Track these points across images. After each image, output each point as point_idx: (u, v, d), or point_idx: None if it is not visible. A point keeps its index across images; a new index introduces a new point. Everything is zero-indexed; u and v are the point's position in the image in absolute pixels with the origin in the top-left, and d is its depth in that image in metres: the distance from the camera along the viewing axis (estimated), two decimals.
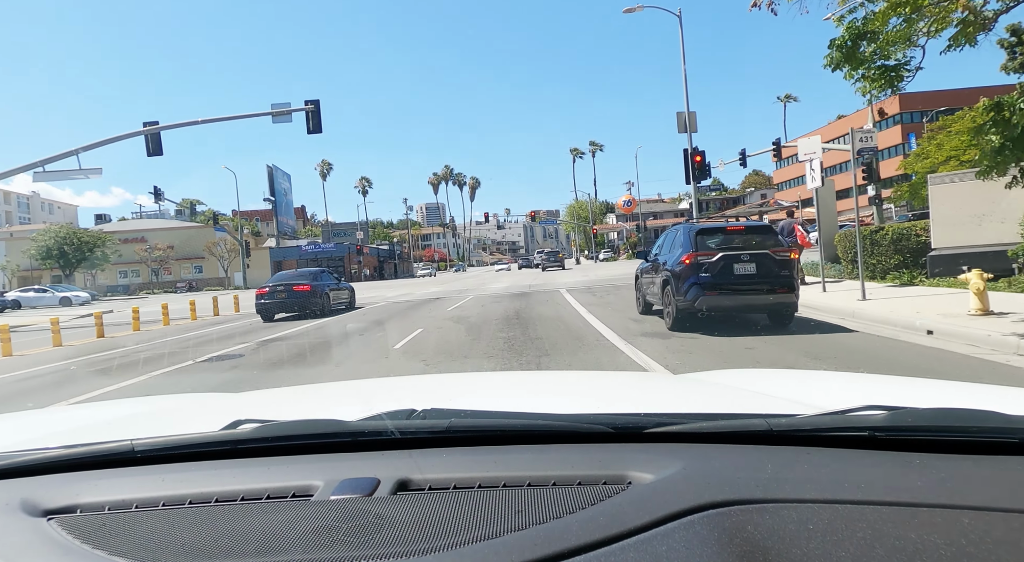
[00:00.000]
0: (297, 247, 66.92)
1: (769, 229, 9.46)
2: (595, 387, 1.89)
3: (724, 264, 8.19)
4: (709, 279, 8.17)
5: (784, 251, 8.54)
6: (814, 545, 0.67)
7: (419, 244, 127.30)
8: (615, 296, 16.02)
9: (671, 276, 8.74)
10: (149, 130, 19.76)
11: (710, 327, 8.61)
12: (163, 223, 69.27)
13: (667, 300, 8.97)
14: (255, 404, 1.74)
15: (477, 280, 37.41)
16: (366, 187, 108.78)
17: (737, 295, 8.28)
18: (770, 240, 8.68)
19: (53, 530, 0.82)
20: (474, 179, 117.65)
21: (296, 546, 0.73)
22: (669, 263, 8.99)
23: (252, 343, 11.47)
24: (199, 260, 64.13)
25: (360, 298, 24.35)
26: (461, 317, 13.20)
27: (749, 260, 8.21)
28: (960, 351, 6.43)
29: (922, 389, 1.61)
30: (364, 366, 8.07)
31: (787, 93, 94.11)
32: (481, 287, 27.07)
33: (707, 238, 8.64)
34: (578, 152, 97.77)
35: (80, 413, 2.01)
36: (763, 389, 1.62)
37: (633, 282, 12.14)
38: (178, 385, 7.52)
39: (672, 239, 9.59)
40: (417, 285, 37.10)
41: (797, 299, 8.45)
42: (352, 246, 67.47)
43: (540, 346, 8.36)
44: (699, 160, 18.60)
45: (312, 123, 20.49)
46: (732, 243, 8.47)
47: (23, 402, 7.23)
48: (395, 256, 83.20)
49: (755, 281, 8.19)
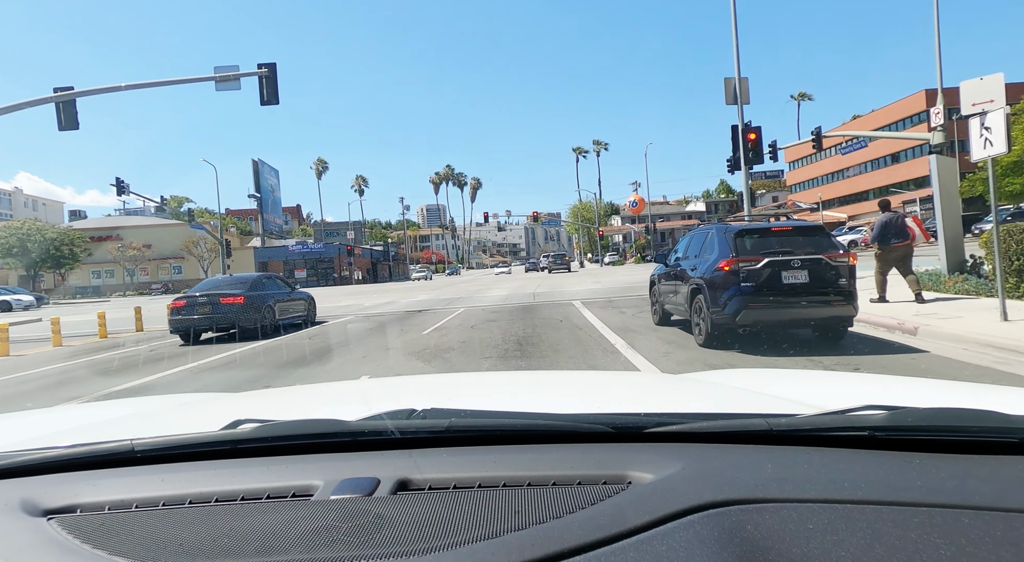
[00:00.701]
0: (284, 247, 62.85)
1: (821, 230, 7.97)
2: (595, 387, 1.88)
3: (771, 271, 7.20)
4: (753, 289, 7.18)
5: (842, 256, 7.29)
6: (814, 545, 0.67)
7: (417, 245, 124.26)
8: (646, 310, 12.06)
9: (704, 285, 7.70)
10: (62, 97, 15.77)
11: (749, 344, 7.54)
12: (141, 220, 64.89)
13: (698, 313, 7.91)
14: (255, 404, 1.73)
15: (473, 285, 33.36)
16: (362, 186, 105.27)
17: (786, 308, 7.23)
18: (824, 242, 7.51)
19: (53, 530, 0.81)
20: (475, 179, 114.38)
21: (296, 546, 0.73)
22: (700, 270, 7.97)
23: (91, 394, 7.43)
24: (178, 260, 60.04)
25: (331, 308, 20.34)
26: (439, 349, 9.10)
27: (800, 266, 7.20)
28: None
29: (922, 389, 1.62)
30: None
31: (801, 91, 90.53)
32: (476, 295, 23.04)
33: (749, 241, 7.52)
34: (581, 151, 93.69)
35: (80, 413, 1.94)
36: (763, 389, 1.61)
37: (648, 289, 11.05)
38: None
39: (702, 242, 8.42)
40: (406, 291, 33.11)
41: (856, 311, 7.38)
42: (342, 247, 63.39)
43: None
44: (754, 138, 14.56)
45: (267, 92, 16.55)
46: (779, 246, 7.40)
47: None
48: (389, 258, 79.06)
49: (808, 291, 7.17)
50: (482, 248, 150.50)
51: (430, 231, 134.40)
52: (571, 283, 27.39)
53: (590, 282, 26.85)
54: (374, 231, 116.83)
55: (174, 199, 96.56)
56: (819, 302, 7.19)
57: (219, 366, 9.01)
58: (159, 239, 59.38)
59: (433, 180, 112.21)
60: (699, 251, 8.37)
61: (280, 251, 62.29)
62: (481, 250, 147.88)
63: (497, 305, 16.98)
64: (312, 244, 64.27)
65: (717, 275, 7.42)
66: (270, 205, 65.05)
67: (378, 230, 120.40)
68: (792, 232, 7.79)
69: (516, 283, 32.35)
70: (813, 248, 7.33)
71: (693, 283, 8.05)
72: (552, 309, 14.40)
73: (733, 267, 7.27)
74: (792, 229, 7.98)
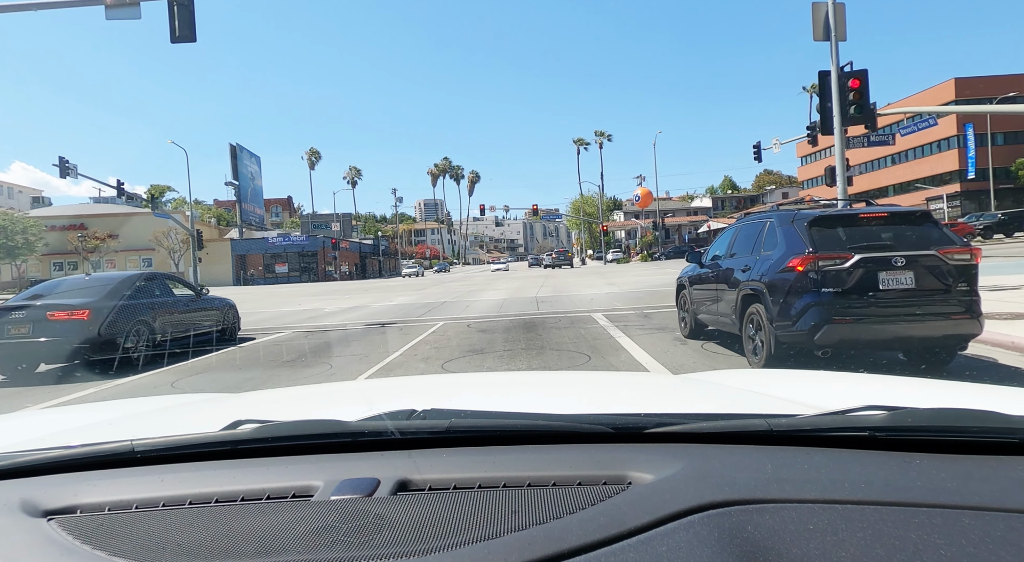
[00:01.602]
0: (264, 239, 58.32)
1: (928, 216, 5.97)
2: (595, 387, 1.86)
3: (863, 273, 5.45)
4: (837, 297, 5.42)
5: (960, 251, 5.47)
6: (814, 545, 0.67)
7: (412, 240, 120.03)
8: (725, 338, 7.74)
9: (764, 291, 5.95)
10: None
11: (819, 366, 4.99)
12: (111, 209, 60.17)
13: (754, 326, 6.13)
14: (255, 404, 1.69)
15: (465, 285, 29.00)
16: (355, 178, 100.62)
17: (885, 323, 5.43)
18: (934, 233, 5.68)
19: (53, 530, 0.81)
20: (473, 173, 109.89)
21: (296, 546, 0.73)
22: (757, 271, 6.19)
23: None
24: (148, 252, 55.43)
25: (279, 315, 16.02)
26: None
27: (904, 266, 5.44)
28: None
29: (922, 389, 1.60)
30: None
31: (813, 84, 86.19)
32: (466, 299, 18.72)
33: (830, 231, 5.69)
34: (583, 143, 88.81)
35: (80, 413, 1.93)
36: (763, 389, 1.59)
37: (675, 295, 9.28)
38: None
39: (757, 234, 6.57)
40: (387, 291, 28.78)
41: (981, 328, 5.56)
42: (327, 240, 58.92)
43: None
44: (857, 86, 10.22)
45: (180, 24, 12.19)
46: (871, 239, 5.63)
47: None
48: (379, 252, 74.55)
49: (915, 300, 5.42)
50: (479, 243, 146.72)
51: (425, 226, 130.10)
52: (579, 285, 22.99)
53: (602, 284, 22.48)
54: (368, 224, 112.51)
55: (155, 188, 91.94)
56: (931, 315, 5.50)
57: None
58: (129, 229, 54.58)
59: (432, 172, 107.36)
60: (753, 246, 6.67)
61: (259, 244, 57.74)
62: (478, 246, 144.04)
63: (488, 317, 12.64)
64: (295, 236, 59.72)
65: (785, 277, 5.78)
66: (249, 194, 60.38)
67: (372, 223, 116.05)
68: (888, 219, 5.98)
69: (514, 283, 27.93)
70: (919, 241, 5.65)
71: (746, 288, 6.38)
72: (567, 329, 10.06)
73: (810, 266, 5.57)
74: (888, 215, 6.07)
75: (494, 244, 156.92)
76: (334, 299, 22.66)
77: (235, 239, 58.34)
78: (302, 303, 21.12)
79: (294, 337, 11.13)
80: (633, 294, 16.57)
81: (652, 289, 17.65)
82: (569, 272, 40.33)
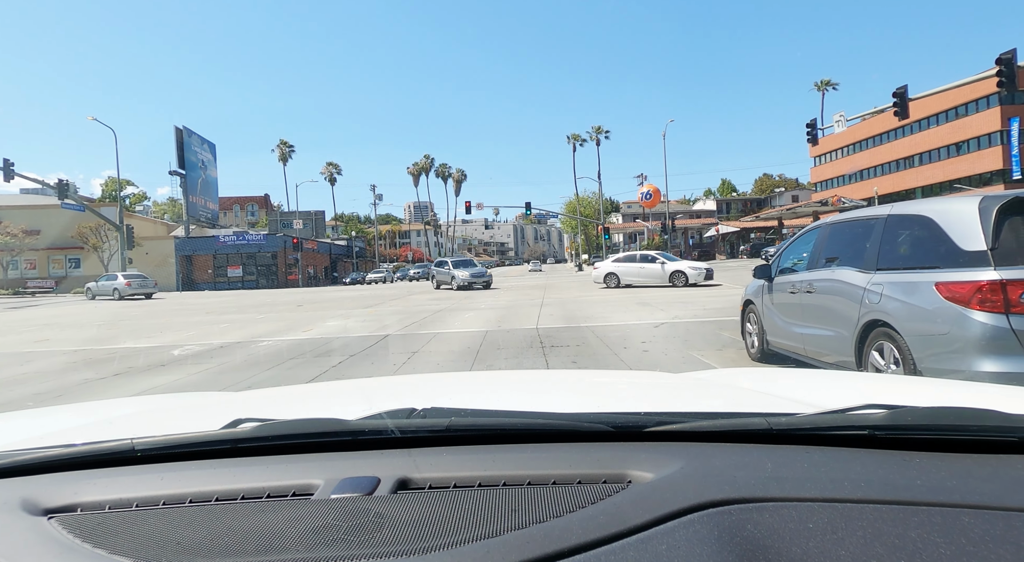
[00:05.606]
0: (214, 238, 50.39)
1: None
2: (595, 386, 1.86)
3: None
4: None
5: None
6: (814, 544, 0.67)
7: (397, 242, 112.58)
8: None
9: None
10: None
11: None
12: (30, 200, 52.09)
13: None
14: (255, 403, 1.70)
15: (435, 301, 21.58)
16: (334, 174, 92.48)
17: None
18: None
19: (53, 529, 0.81)
20: (459, 171, 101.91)
21: (296, 545, 0.73)
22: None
23: None
24: (76, 250, 47.51)
25: (82, 340, 8.75)
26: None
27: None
28: None
29: (922, 388, 1.59)
30: None
31: (825, 79, 79.66)
32: (425, 329, 11.23)
33: None
34: (578, 139, 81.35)
35: (80, 412, 1.87)
36: (764, 388, 1.59)
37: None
38: None
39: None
40: (325, 307, 21.27)
41: None
42: (288, 239, 51.23)
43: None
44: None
45: None
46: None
47: None
48: (353, 254, 66.86)
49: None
50: (468, 246, 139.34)
51: (410, 227, 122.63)
52: (594, 303, 15.48)
53: (633, 304, 15.06)
54: (350, 225, 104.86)
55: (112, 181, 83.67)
56: None
57: None
58: (53, 224, 46.55)
59: (411, 171, 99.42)
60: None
61: (208, 243, 49.91)
62: (467, 249, 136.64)
63: None
64: (251, 235, 51.96)
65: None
66: (199, 185, 52.36)
67: (354, 223, 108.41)
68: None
69: (504, 298, 20.33)
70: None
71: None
72: None
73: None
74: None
75: (483, 247, 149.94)
76: (227, 323, 15.17)
77: (180, 238, 50.45)
78: (169, 331, 13.64)
79: None
80: (697, 324, 9.24)
81: (720, 316, 10.33)
82: (570, 279, 32.84)
